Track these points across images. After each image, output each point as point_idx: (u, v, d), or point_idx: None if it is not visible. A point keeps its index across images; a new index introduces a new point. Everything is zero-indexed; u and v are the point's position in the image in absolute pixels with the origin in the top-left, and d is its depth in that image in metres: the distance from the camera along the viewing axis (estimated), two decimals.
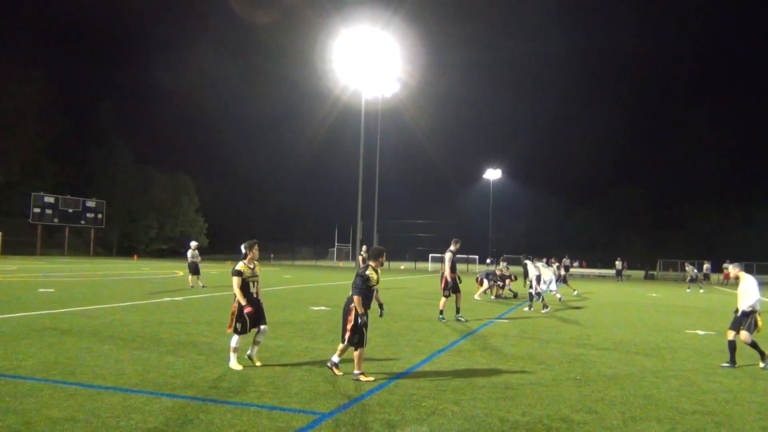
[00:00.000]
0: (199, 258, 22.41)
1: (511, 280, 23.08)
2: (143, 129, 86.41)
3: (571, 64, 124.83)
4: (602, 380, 7.99)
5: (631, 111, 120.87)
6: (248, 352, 8.16)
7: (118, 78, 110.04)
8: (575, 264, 56.98)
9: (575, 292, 24.89)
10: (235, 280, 8.00)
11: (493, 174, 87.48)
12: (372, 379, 7.43)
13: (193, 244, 22.96)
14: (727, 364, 9.30)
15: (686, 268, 36.88)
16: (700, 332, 13.63)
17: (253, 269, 8.25)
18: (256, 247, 8.37)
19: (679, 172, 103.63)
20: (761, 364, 9.30)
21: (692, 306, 21.92)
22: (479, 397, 6.81)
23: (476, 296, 20.91)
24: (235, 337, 8.04)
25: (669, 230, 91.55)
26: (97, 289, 20.23)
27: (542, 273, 18.13)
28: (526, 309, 17.34)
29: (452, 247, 14.42)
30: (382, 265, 8.14)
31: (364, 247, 25.28)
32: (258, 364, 8.06)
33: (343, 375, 7.59)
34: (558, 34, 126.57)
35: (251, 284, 8.17)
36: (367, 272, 7.69)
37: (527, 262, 19.09)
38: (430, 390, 7.07)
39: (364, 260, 23.58)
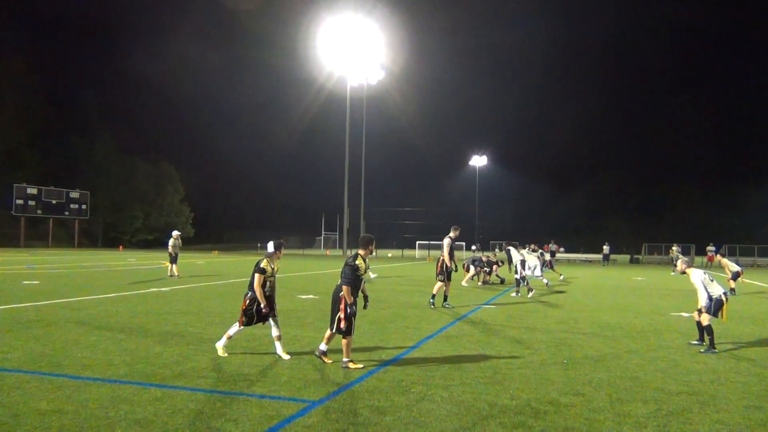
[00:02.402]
0: (179, 248, 22.33)
1: (498, 266, 23.18)
2: (126, 118, 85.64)
3: (554, 50, 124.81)
4: (589, 363, 8.07)
5: (615, 96, 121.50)
6: (277, 351, 7.97)
7: (101, 66, 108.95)
8: (561, 249, 57.29)
9: (561, 277, 25.08)
10: (258, 278, 7.95)
11: (479, 160, 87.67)
12: (361, 366, 7.46)
13: (175, 233, 22.89)
14: (699, 344, 9.42)
15: (672, 250, 37.07)
16: (685, 314, 13.78)
17: (273, 268, 8.21)
18: (282, 248, 8.37)
19: (664, 156, 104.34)
20: (693, 341, 9.46)
21: (677, 289, 22.14)
22: (468, 382, 6.86)
23: (463, 282, 20.98)
24: (237, 327, 8.03)
25: (654, 214, 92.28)
26: (82, 280, 20.09)
27: (527, 259, 18.29)
28: (513, 294, 17.46)
29: (452, 234, 14.45)
30: (371, 253, 8.12)
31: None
32: (286, 357, 7.88)
33: (332, 363, 7.61)
34: (541, 20, 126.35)
35: (267, 282, 8.09)
36: (356, 261, 7.67)
37: (510, 248, 19.19)
38: (419, 376, 7.10)
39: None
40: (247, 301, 8.01)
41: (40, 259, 35.37)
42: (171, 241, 22.23)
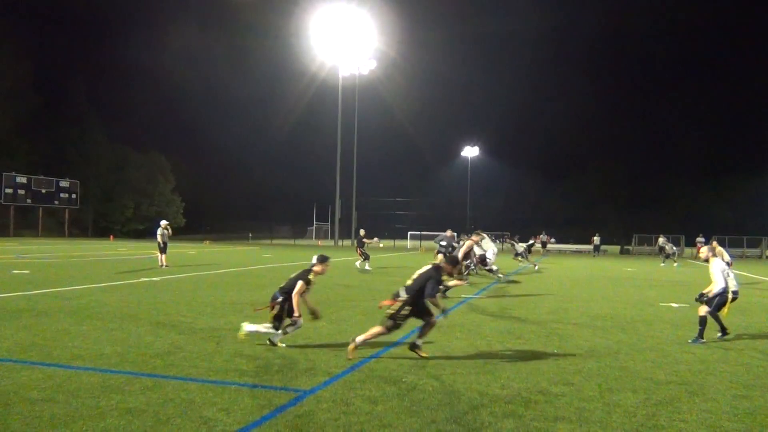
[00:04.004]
0: (168, 237, 22.25)
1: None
2: (117, 107, 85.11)
3: (546, 41, 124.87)
4: (579, 353, 8.12)
5: (606, 87, 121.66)
6: (273, 339, 7.93)
7: (91, 55, 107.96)
8: (552, 240, 57.52)
9: (536, 267, 25.34)
10: (300, 286, 7.84)
11: (470, 151, 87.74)
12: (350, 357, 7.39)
13: (163, 223, 22.82)
14: (723, 338, 9.39)
15: (660, 241, 37.27)
16: (674, 305, 13.89)
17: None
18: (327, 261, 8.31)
19: (654, 148, 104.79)
20: (717, 335, 9.46)
21: (666, 280, 22.30)
22: (459, 372, 6.89)
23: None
24: (257, 327, 7.95)
25: (644, 205, 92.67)
26: (73, 270, 20.01)
27: (486, 248, 18.49)
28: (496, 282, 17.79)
29: (475, 238, 14.55)
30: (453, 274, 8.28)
31: (362, 231, 25.06)
32: (282, 345, 7.89)
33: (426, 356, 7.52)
34: (533, 10, 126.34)
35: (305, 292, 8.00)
36: (443, 278, 7.86)
37: (485, 237, 19.36)
38: (411, 366, 7.13)
39: (361, 244, 23.47)
40: (278, 305, 7.86)
41: (29, 248, 35.18)
42: (159, 231, 22.17)
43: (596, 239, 48.73)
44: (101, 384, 6.03)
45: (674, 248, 35.86)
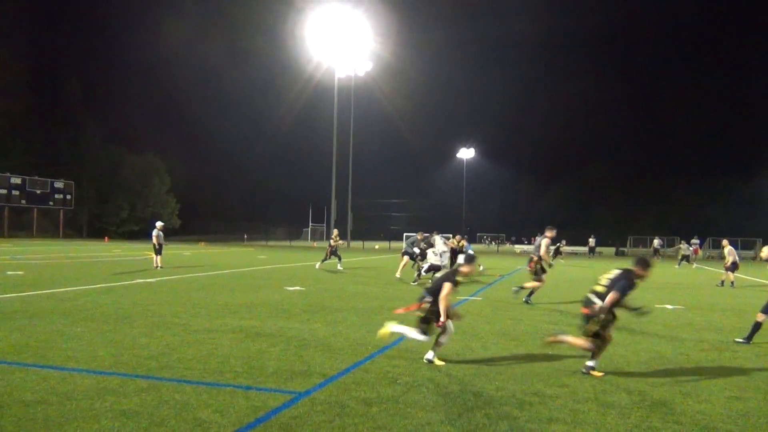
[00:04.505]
0: (162, 239, 22.20)
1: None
2: (112, 108, 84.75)
3: (540, 43, 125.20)
4: (574, 355, 8.10)
5: (600, 89, 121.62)
6: (427, 356, 7.43)
7: (86, 55, 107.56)
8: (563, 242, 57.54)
9: (480, 267, 25.00)
10: (448, 288, 7.25)
11: (466, 153, 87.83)
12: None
13: (159, 224, 22.78)
14: (743, 340, 9.41)
15: (680, 245, 36.58)
16: (669, 306, 13.92)
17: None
18: (474, 261, 7.92)
19: (649, 149, 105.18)
20: (738, 339, 9.48)
21: (660, 282, 22.35)
22: (454, 374, 6.90)
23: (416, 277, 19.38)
24: (404, 329, 7.50)
25: (639, 207, 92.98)
26: (67, 271, 19.96)
27: (435, 247, 18.48)
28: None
29: (548, 234, 14.38)
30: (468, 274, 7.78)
31: (335, 231, 25.18)
32: (441, 363, 7.35)
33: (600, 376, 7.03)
34: (528, 12, 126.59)
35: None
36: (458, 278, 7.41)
37: (436, 237, 19.37)
38: (406, 367, 7.13)
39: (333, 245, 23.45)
40: (426, 307, 7.45)
41: (24, 249, 35.06)
42: (155, 232, 22.13)
43: (591, 241, 48.89)
44: (95, 386, 6.01)
45: (690, 249, 35.18)
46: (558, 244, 34.33)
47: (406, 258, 20.22)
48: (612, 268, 7.75)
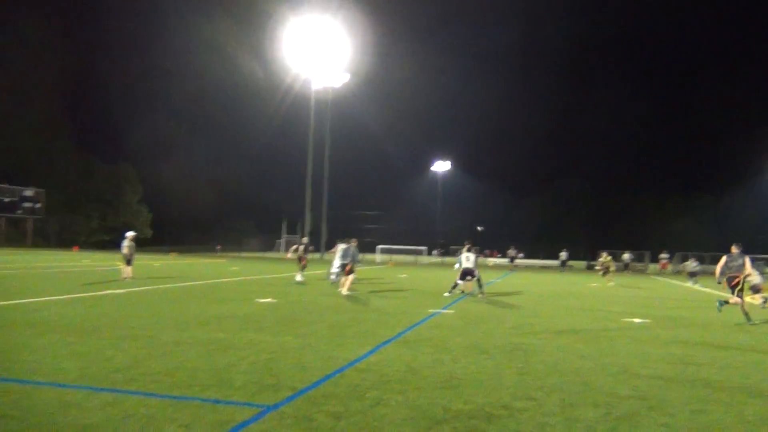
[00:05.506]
0: (133, 249, 21.86)
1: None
2: (84, 116, 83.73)
3: (518, 55, 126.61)
4: (543, 368, 8.20)
5: (574, 103, 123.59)
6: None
7: (56, 62, 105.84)
8: (521, 255, 58.09)
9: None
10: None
11: (442, 166, 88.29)
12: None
13: (129, 234, 22.44)
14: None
15: (689, 261, 35.40)
16: (636, 320, 14.12)
17: None
18: None
19: (621, 165, 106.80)
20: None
21: (629, 295, 22.65)
22: (423, 387, 6.91)
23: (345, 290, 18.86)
24: None
25: (610, 222, 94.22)
26: (34, 281, 19.59)
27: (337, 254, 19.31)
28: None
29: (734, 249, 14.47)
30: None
31: (305, 239, 25.26)
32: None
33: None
34: (506, 25, 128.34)
35: None
36: None
37: (342, 245, 19.58)
38: (375, 381, 7.13)
39: (305, 249, 23.49)
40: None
41: None
42: (125, 242, 21.80)
43: (563, 254, 49.34)
44: (59, 399, 5.91)
45: (696, 265, 33.89)
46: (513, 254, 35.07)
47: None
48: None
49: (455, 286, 19.16)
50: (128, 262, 21.45)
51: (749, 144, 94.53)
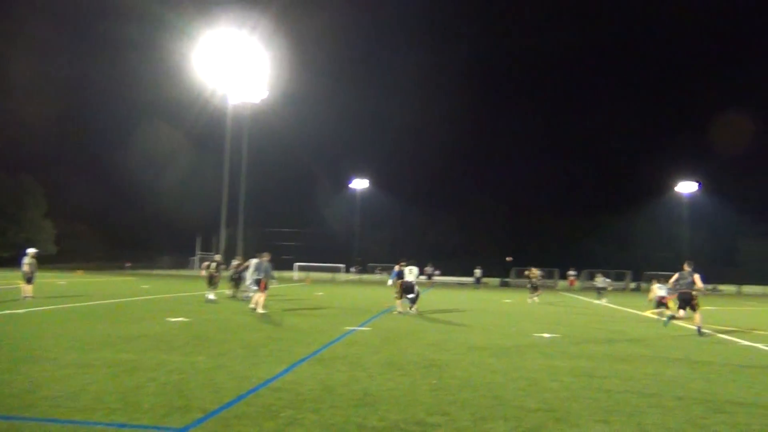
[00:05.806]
0: (35, 267, 20.72)
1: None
2: None
3: (434, 72, 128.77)
4: (456, 383, 8.35)
5: (487, 121, 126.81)
6: None
7: None
8: (437, 272, 58.98)
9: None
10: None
11: (360, 183, 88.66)
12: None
13: (30, 251, 21.27)
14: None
15: (597, 278, 34.57)
16: (546, 335, 14.60)
17: None
18: None
19: (532, 185, 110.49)
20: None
21: (541, 312, 23.40)
22: (338, 405, 6.89)
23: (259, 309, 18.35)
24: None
25: (522, 240, 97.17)
26: None
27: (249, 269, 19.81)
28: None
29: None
30: None
31: (218, 256, 24.92)
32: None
33: None
34: (425, 43, 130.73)
35: None
36: None
37: (255, 260, 19.80)
38: (289, 400, 7.05)
39: (217, 267, 23.01)
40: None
41: None
42: (26, 259, 20.64)
43: (477, 272, 50.47)
44: None
45: (606, 281, 33.77)
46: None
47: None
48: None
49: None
50: (29, 280, 20.29)
51: (649, 167, 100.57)
